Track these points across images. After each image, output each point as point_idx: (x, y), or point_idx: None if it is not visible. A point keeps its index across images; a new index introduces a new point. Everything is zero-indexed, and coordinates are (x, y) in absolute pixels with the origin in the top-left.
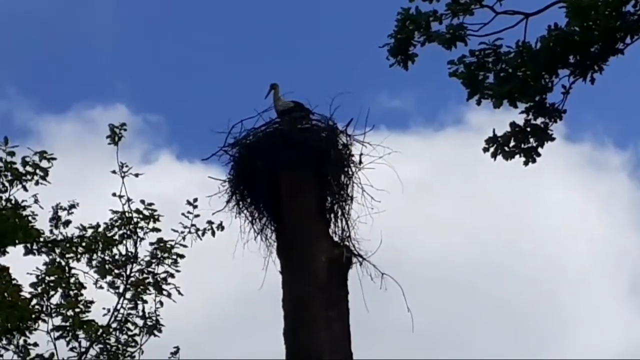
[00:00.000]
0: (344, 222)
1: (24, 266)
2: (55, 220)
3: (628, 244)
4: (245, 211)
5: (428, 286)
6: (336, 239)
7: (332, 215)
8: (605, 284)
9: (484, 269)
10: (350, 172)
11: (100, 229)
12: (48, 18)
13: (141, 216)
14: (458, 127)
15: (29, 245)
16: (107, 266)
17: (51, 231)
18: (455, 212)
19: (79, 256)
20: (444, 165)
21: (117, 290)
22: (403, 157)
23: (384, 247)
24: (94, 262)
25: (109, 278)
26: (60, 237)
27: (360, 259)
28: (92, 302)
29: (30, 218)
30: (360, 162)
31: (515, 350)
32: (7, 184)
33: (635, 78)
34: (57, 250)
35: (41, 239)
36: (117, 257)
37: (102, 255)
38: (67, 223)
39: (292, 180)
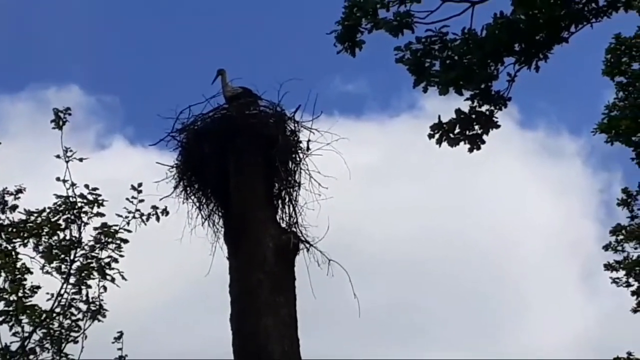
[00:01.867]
0: (291, 209)
1: None
2: (2, 205)
3: (581, 230)
4: (192, 197)
5: (376, 272)
6: (284, 225)
7: (279, 202)
8: (558, 270)
9: (434, 256)
10: (298, 159)
11: (45, 214)
12: None
13: (85, 201)
14: (412, 113)
15: None
16: (53, 251)
17: None
18: (407, 199)
19: (25, 241)
20: (397, 152)
21: (64, 276)
22: (355, 144)
23: (332, 234)
24: (40, 248)
25: (55, 263)
26: (7, 222)
27: (308, 245)
28: (38, 287)
29: None
30: (308, 149)
31: (465, 334)
32: None
33: (591, 65)
34: (3, 235)
35: None
36: (62, 242)
37: (49, 240)
38: (13, 208)
39: (240, 167)
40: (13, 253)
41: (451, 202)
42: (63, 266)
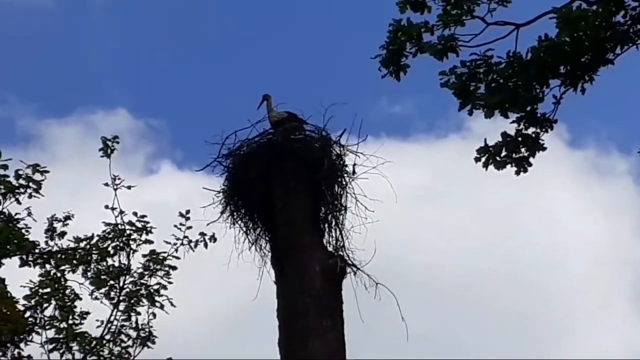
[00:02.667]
0: (337, 232)
1: (20, 278)
2: (51, 231)
3: (632, 250)
4: (239, 222)
5: (424, 295)
6: (330, 249)
7: (326, 226)
8: (607, 291)
9: (483, 277)
10: (344, 182)
11: (94, 241)
12: (48, 24)
13: (134, 228)
14: (460, 134)
15: (24, 257)
16: (102, 277)
17: (46, 242)
18: (455, 220)
19: (73, 267)
20: (445, 173)
21: (112, 302)
22: (402, 165)
23: (379, 257)
24: (89, 274)
25: (104, 289)
26: (55, 248)
27: (355, 269)
28: (87, 313)
29: (23, 231)
30: (354, 172)
31: (513, 357)
32: (0, 197)
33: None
34: (52, 262)
35: (36, 251)
36: (110, 268)
37: (97, 266)
38: (62, 234)
39: (286, 191)
40: (62, 280)
41: (500, 224)
42: (112, 292)
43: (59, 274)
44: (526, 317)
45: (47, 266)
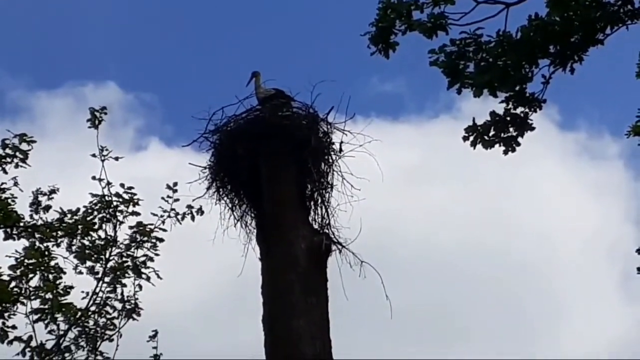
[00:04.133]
0: (323, 210)
1: (3, 250)
2: (36, 205)
3: (621, 233)
4: (225, 198)
5: (410, 274)
6: (316, 226)
7: (312, 203)
8: (597, 273)
9: (470, 258)
10: (331, 160)
11: (80, 213)
12: None
13: (121, 200)
14: (451, 114)
15: (8, 230)
16: (87, 251)
17: (31, 216)
18: (444, 200)
19: (58, 241)
20: (435, 153)
21: (97, 276)
22: (392, 145)
23: (365, 236)
24: (73, 248)
25: (88, 263)
26: (40, 222)
27: (340, 247)
28: (71, 287)
29: (9, 201)
30: (341, 150)
31: (502, 338)
32: None
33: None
34: (37, 236)
35: (21, 224)
36: (96, 241)
37: (82, 241)
38: (47, 208)
39: (272, 168)
40: (47, 252)
41: (489, 204)
42: (97, 265)
43: (43, 247)
44: (514, 297)
45: (32, 239)
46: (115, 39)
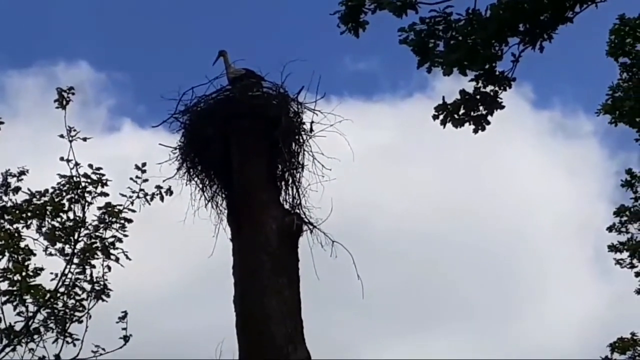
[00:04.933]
0: (294, 190)
1: None
2: (5, 187)
3: (595, 211)
4: (195, 179)
5: (382, 253)
6: (287, 206)
7: (282, 183)
8: (570, 251)
9: (442, 238)
10: (302, 140)
11: (49, 195)
12: None
13: (89, 181)
14: (425, 93)
15: None
16: (56, 233)
17: (0, 198)
18: (417, 179)
19: (28, 223)
20: (408, 133)
21: (66, 258)
22: (364, 125)
23: (338, 216)
24: (43, 229)
25: (58, 245)
26: (9, 204)
27: (311, 227)
28: (41, 269)
29: None
30: (312, 130)
31: (476, 318)
32: None
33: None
34: (7, 217)
35: None
36: (66, 223)
37: (52, 222)
38: (16, 190)
39: (243, 148)
40: (16, 234)
41: (462, 183)
42: (67, 247)
43: (12, 229)
44: (488, 277)
45: (1, 221)
46: (86, 17)
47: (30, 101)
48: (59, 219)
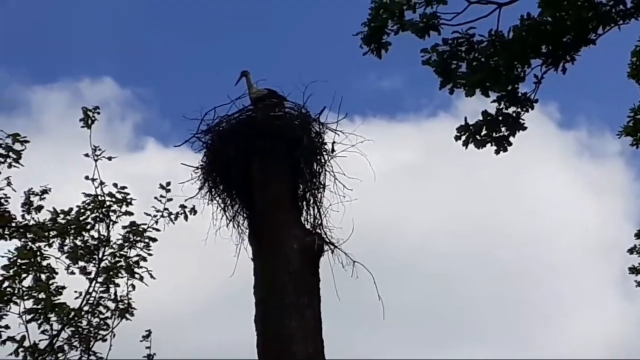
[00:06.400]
0: (315, 210)
1: None
2: (28, 205)
3: (621, 232)
4: (217, 198)
5: (403, 274)
6: (308, 226)
7: (304, 203)
8: (595, 272)
9: (466, 257)
10: (323, 160)
11: (73, 213)
12: None
13: (114, 199)
14: (450, 112)
15: (0, 230)
16: (79, 252)
17: (23, 216)
18: (441, 199)
19: (50, 241)
20: (432, 152)
21: (89, 276)
22: (388, 144)
23: (357, 236)
24: (65, 248)
25: (80, 263)
26: (32, 222)
27: (332, 247)
28: (63, 287)
29: (2, 201)
30: (333, 150)
31: (499, 338)
32: None
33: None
34: (29, 236)
35: (13, 224)
36: (89, 241)
37: (74, 241)
38: (39, 208)
39: (265, 168)
40: (39, 253)
41: (487, 203)
42: (91, 265)
43: (35, 247)
44: (512, 297)
45: (24, 240)
46: (111, 34)
47: (54, 117)
48: (81, 238)
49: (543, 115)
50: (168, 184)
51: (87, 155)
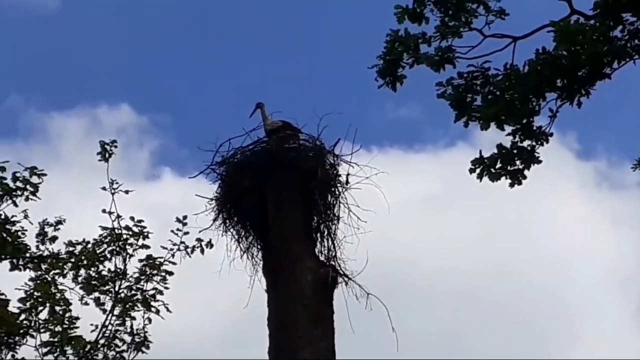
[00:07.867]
0: (329, 242)
1: (10, 281)
2: (42, 236)
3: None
4: (231, 229)
5: (417, 306)
6: (322, 258)
7: (318, 235)
8: (613, 303)
9: (481, 288)
10: (337, 192)
11: (89, 246)
12: (51, 17)
13: (130, 233)
14: (466, 141)
15: (14, 260)
16: (92, 282)
17: (37, 247)
18: (456, 231)
19: (64, 272)
20: (448, 184)
21: (102, 307)
22: (403, 175)
23: (371, 268)
24: (79, 279)
25: (95, 294)
26: (46, 253)
27: (346, 279)
28: (77, 318)
29: (19, 233)
30: (347, 182)
31: None
32: None
33: None
34: (44, 266)
35: (27, 255)
36: (104, 273)
37: (88, 272)
38: (53, 239)
39: (279, 200)
40: (54, 284)
41: (504, 235)
42: (107, 297)
43: (49, 278)
44: (528, 330)
45: (39, 270)
46: (127, 60)
47: (72, 143)
48: (95, 269)
49: (562, 147)
50: (185, 217)
51: (104, 188)
